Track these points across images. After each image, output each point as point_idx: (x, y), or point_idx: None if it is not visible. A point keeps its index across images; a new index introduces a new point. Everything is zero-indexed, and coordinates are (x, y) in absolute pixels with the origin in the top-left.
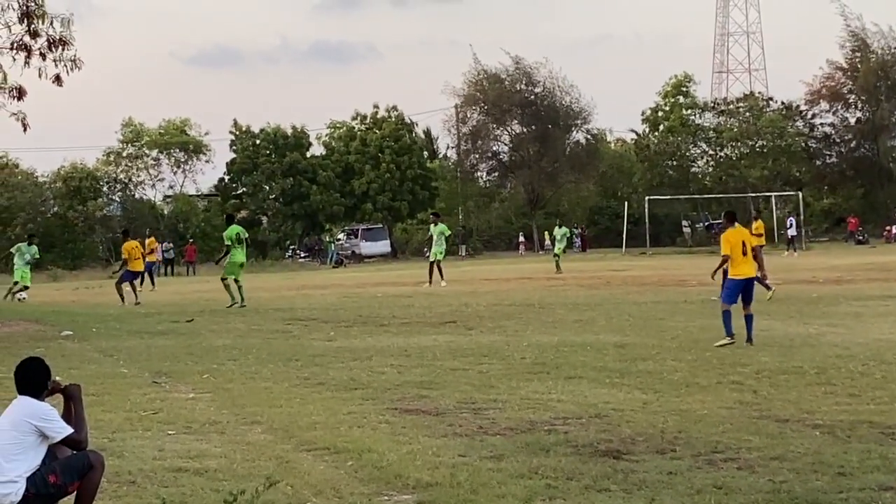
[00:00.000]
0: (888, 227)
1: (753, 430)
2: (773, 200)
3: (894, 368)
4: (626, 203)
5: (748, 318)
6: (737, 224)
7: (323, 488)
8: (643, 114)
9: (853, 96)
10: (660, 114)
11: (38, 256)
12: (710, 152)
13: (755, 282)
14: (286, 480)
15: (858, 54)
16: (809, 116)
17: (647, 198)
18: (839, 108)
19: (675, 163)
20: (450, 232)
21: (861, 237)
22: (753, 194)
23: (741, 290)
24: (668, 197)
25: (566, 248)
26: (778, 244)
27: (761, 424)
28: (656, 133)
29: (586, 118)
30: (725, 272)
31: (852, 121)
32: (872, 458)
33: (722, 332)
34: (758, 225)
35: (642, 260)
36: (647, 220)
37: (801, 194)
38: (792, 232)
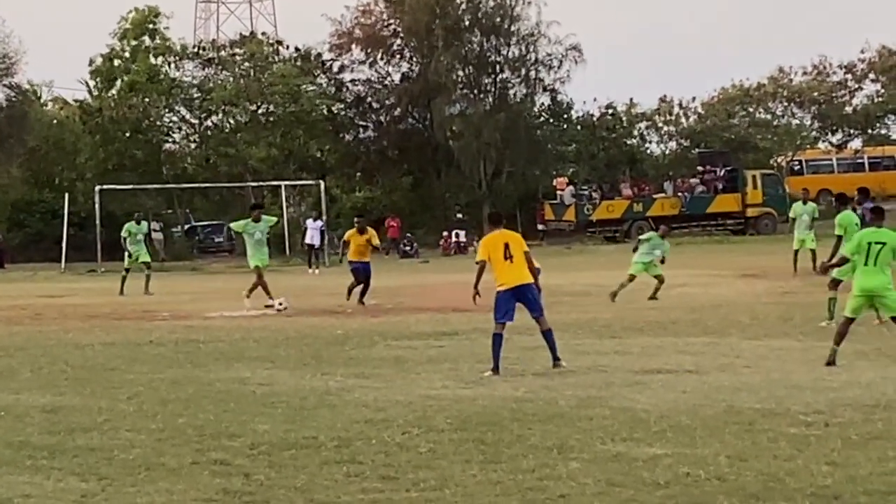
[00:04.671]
0: (446, 233)
1: None
2: (284, 192)
3: (446, 438)
4: (66, 195)
5: (546, 335)
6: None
7: None
8: (91, 63)
9: (399, 41)
10: (117, 63)
11: None
12: (193, 121)
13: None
14: None
15: None
16: (336, 70)
17: (98, 187)
18: (379, 58)
19: (141, 136)
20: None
21: (409, 247)
22: (256, 183)
23: (516, 302)
24: (131, 187)
25: None
26: (293, 257)
27: None
28: (112, 92)
29: (10, 68)
30: None
31: (397, 77)
32: None
33: None
34: None
35: (91, 281)
36: (98, 221)
37: (323, 184)
38: (314, 240)
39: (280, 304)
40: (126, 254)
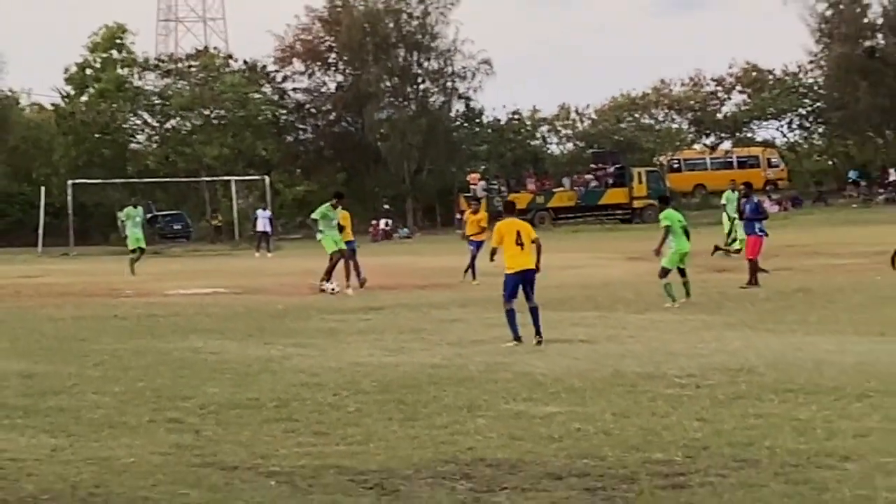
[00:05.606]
0: (374, 222)
1: (192, 482)
2: (234, 186)
3: (371, 399)
4: (43, 188)
5: (533, 311)
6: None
7: None
8: (66, 71)
9: (334, 55)
10: (88, 73)
11: None
12: (155, 124)
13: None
14: None
15: (342, 2)
16: (279, 80)
17: (70, 181)
18: (317, 69)
19: (108, 137)
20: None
21: None
22: (209, 178)
23: (521, 283)
24: (100, 181)
25: None
26: (241, 242)
27: (203, 474)
28: (84, 98)
29: None
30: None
31: (332, 87)
32: None
33: None
34: None
35: (64, 263)
36: (70, 211)
37: (268, 179)
38: (266, 227)
39: (333, 288)
40: (125, 237)
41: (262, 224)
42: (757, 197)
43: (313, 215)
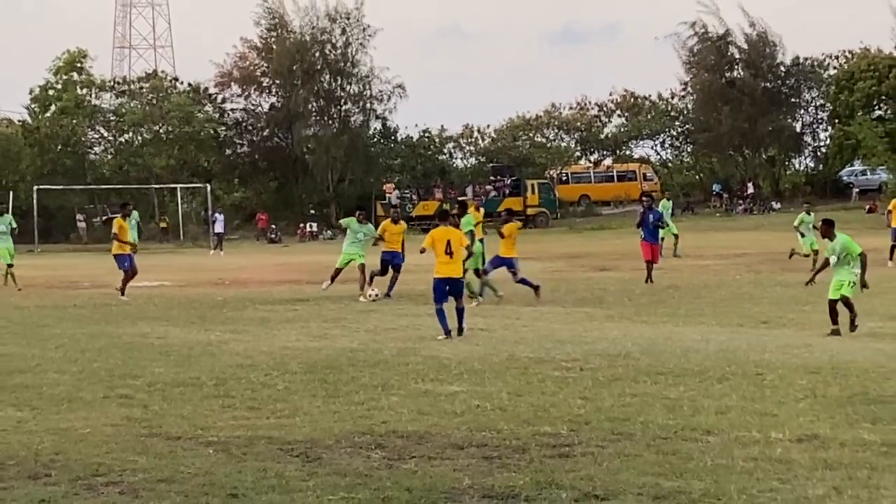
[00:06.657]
0: (302, 225)
1: (140, 450)
2: (179, 192)
3: (298, 378)
4: (11, 193)
5: (459, 311)
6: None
7: None
8: (31, 92)
9: (267, 80)
10: (51, 92)
11: None
12: (110, 138)
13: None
14: None
15: (274, 33)
16: (220, 101)
17: (35, 187)
18: (252, 92)
19: (69, 149)
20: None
21: (274, 235)
22: (158, 185)
23: (448, 287)
24: (61, 187)
25: None
26: (185, 241)
27: (150, 443)
28: (48, 114)
29: None
30: None
31: (266, 107)
32: (268, 476)
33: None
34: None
35: (30, 259)
36: (35, 214)
37: (209, 186)
38: (220, 229)
39: (377, 294)
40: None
41: (219, 226)
42: (658, 209)
43: (342, 221)
